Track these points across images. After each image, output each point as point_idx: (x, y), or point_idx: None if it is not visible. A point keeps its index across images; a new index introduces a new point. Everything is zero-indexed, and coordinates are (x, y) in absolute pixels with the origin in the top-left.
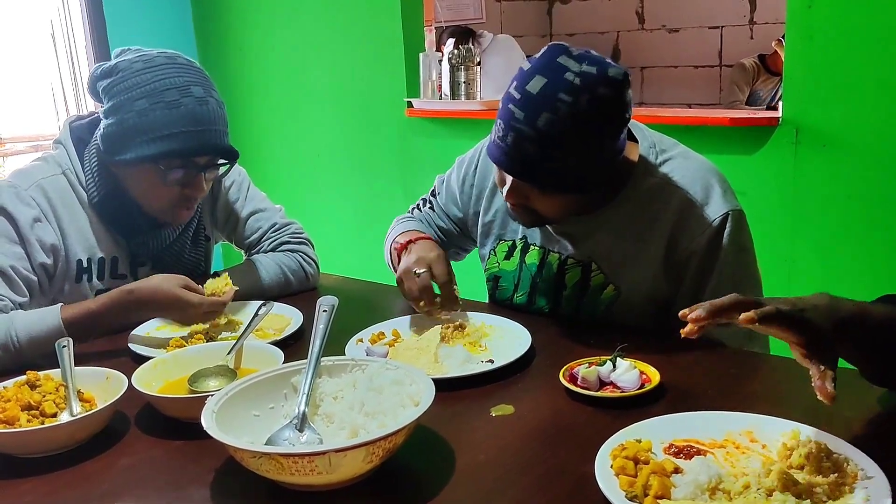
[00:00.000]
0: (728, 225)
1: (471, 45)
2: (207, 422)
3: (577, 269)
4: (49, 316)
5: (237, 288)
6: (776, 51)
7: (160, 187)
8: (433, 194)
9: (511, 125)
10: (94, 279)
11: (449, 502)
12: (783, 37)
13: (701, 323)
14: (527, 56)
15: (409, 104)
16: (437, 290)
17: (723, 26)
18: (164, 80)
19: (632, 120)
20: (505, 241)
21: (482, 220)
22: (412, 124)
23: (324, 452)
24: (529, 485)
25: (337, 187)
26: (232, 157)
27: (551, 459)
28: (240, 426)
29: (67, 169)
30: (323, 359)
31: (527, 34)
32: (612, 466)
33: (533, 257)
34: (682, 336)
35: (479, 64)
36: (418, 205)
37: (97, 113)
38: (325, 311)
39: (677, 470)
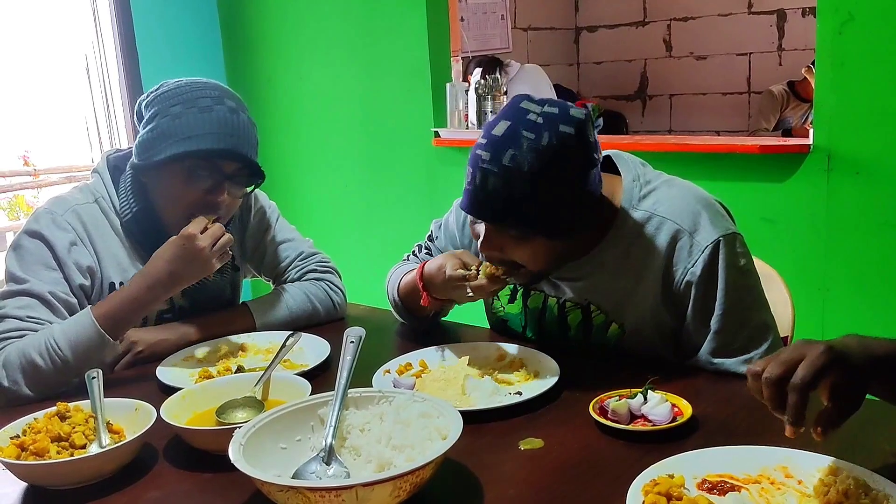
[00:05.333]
0: (722, 250)
1: (497, 74)
2: (235, 454)
3: (577, 310)
4: (81, 318)
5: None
6: (806, 77)
7: (185, 191)
8: (430, 239)
9: (478, 167)
10: None
11: None
12: (813, 63)
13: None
14: (554, 85)
15: (437, 134)
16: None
17: (751, 53)
18: (200, 91)
19: (616, 151)
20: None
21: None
22: (439, 153)
23: (351, 487)
24: None
25: (365, 217)
26: (258, 175)
27: (582, 494)
28: (267, 459)
29: (101, 197)
30: (350, 390)
31: (554, 63)
32: (644, 502)
33: (535, 301)
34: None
35: (505, 93)
36: (414, 251)
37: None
38: (352, 342)
39: None
